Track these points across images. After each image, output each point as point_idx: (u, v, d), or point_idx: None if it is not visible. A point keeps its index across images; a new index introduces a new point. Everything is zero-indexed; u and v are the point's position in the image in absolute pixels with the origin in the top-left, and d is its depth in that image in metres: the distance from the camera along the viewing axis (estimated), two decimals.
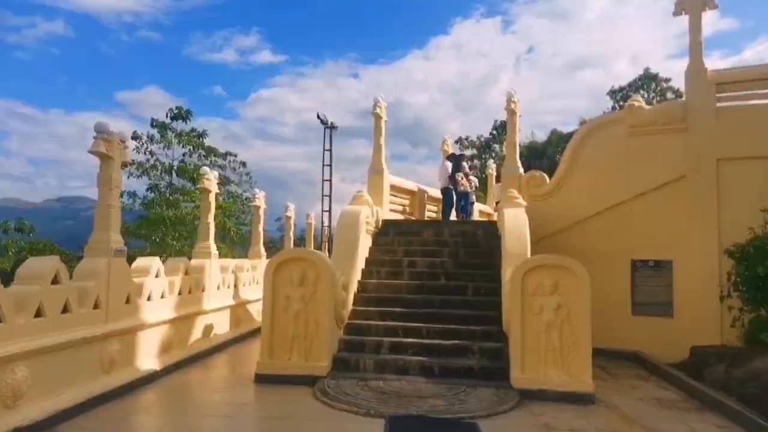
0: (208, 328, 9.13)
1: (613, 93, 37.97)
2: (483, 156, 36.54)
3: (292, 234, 16.08)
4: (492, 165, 22.98)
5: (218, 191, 10.55)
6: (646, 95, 35.09)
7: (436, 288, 8.43)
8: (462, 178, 12.66)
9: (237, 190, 30.09)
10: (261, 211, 12.79)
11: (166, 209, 23.20)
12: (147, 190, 23.64)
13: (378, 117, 11.28)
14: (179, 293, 8.00)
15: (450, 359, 6.94)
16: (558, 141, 38.99)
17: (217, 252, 9.57)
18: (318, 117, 21.21)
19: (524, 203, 8.85)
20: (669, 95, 34.57)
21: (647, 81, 37.50)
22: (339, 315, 7.23)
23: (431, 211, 14.22)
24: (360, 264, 8.84)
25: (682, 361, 8.82)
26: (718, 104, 9.01)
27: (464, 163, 13.20)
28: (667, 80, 36.41)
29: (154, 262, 7.36)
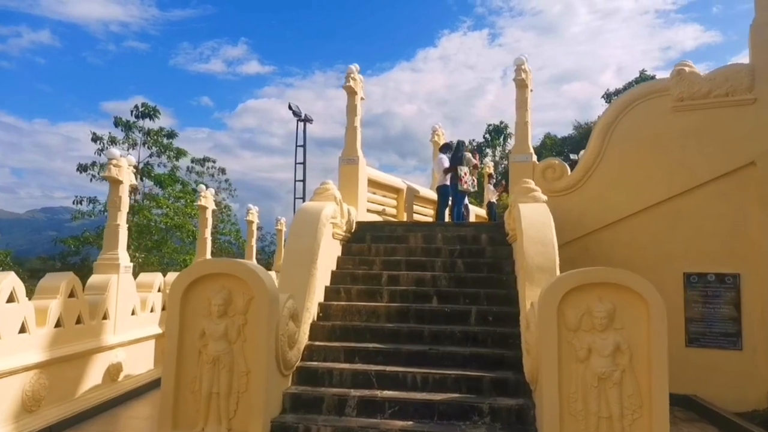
0: (114, 369, 6.90)
1: (608, 96, 36.71)
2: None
3: (254, 242, 13.89)
4: (489, 163, 21.10)
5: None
6: None
7: (427, 314, 6.30)
8: (465, 174, 10.54)
9: (216, 198, 29.37)
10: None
11: (129, 216, 21.58)
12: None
13: (351, 92, 9.18)
14: (57, 324, 5.77)
15: (447, 425, 4.79)
16: (552, 145, 37.37)
17: (130, 264, 7.35)
18: (290, 108, 19.15)
19: (544, 197, 6.77)
20: None
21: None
22: (283, 357, 5.05)
23: (421, 215, 12.11)
24: (322, 280, 6.68)
25: (757, 410, 6.87)
26: None
27: (467, 154, 11.06)
28: None
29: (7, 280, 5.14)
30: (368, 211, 9.82)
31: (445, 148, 11.63)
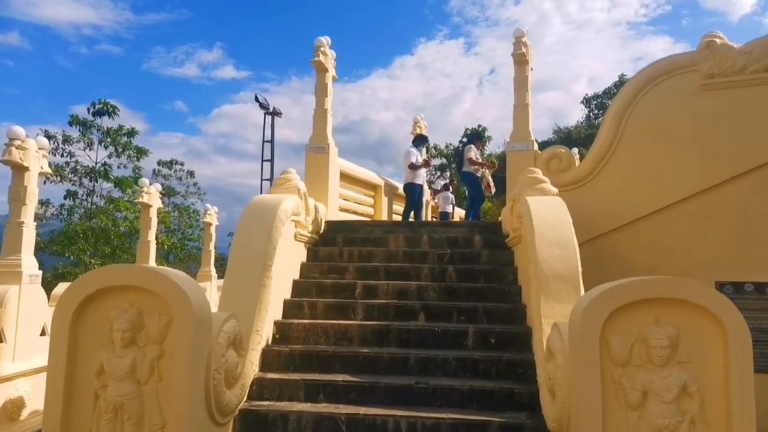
0: (14, 406, 5.52)
1: (587, 101, 36.62)
2: (452, 165, 34.42)
3: (212, 247, 12.52)
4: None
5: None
6: None
7: (412, 335, 5.09)
8: (480, 172, 9.65)
9: (183, 203, 29.43)
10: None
11: (86, 220, 20.34)
12: (64, 197, 21.04)
13: (321, 68, 7.96)
14: None
15: None
16: (541, 147, 36.70)
17: (38, 273, 5.97)
18: (257, 100, 17.81)
19: (554, 189, 5.66)
20: None
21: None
22: (218, 400, 3.78)
23: (401, 215, 10.92)
24: (279, 292, 5.43)
25: None
26: None
27: (473, 148, 9.94)
28: None
29: None
30: (341, 209, 8.60)
31: (418, 140, 10.49)
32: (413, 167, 9.74)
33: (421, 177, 10.00)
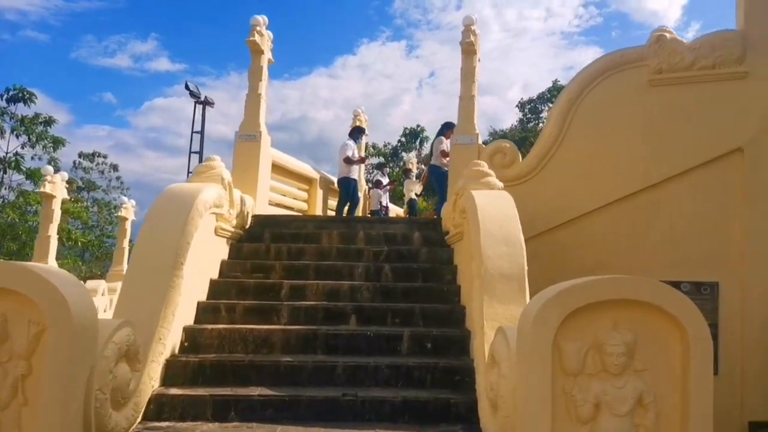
0: None
1: (521, 105, 37.59)
2: (389, 164, 34.33)
3: (126, 244, 11.56)
4: (412, 158, 19.94)
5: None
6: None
7: (342, 340, 4.62)
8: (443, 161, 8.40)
9: (105, 198, 28.19)
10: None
11: None
12: None
13: (256, 49, 7.35)
14: None
15: None
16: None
17: None
18: (187, 87, 16.81)
19: (500, 184, 5.35)
20: None
21: (557, 93, 36.81)
22: (101, 425, 3.16)
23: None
24: (192, 294, 4.82)
25: None
26: None
27: (444, 140, 8.56)
28: None
29: None
30: (272, 203, 8.01)
31: (355, 132, 10.05)
32: (349, 161, 9.29)
33: (356, 172, 9.59)
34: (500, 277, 4.12)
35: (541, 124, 40.49)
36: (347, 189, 9.29)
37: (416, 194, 13.16)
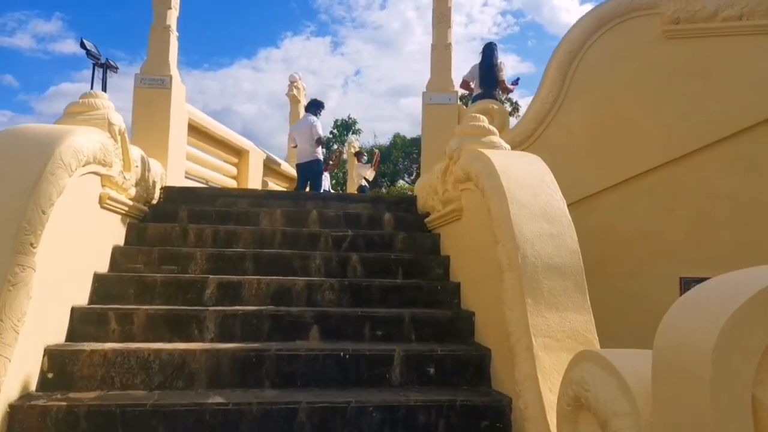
0: None
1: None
2: (326, 154, 32.82)
3: None
4: (354, 140, 18.54)
5: None
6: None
7: (300, 365, 3.13)
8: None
9: None
10: None
11: None
12: None
13: None
14: None
15: None
16: (403, 145, 36.23)
17: None
18: (83, 46, 14.35)
19: (507, 145, 4.08)
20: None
21: None
22: None
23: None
24: (61, 294, 3.16)
25: None
26: None
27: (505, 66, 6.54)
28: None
29: None
30: (188, 176, 6.32)
31: (313, 106, 8.44)
32: (320, 143, 7.93)
33: (321, 154, 8.14)
34: (546, 269, 2.82)
35: None
36: (311, 174, 7.80)
37: (367, 180, 11.76)
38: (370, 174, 12.02)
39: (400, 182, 34.81)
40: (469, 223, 3.86)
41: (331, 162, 10.95)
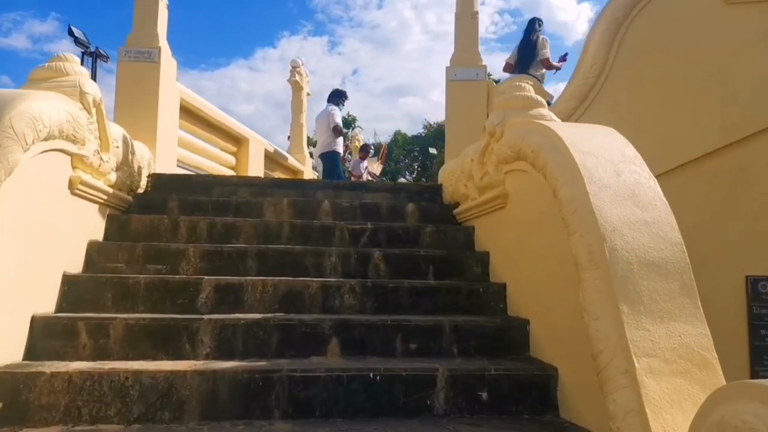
0: None
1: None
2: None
3: None
4: (358, 134, 17.92)
5: None
6: None
7: (318, 389, 2.50)
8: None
9: None
10: None
11: None
12: None
13: None
14: None
15: None
16: (404, 143, 35.61)
17: None
18: (71, 34, 13.70)
19: (557, 119, 3.45)
20: None
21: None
22: None
23: None
24: (21, 300, 2.52)
25: None
26: None
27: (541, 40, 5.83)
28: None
29: None
30: (181, 164, 5.70)
31: (335, 96, 7.88)
32: (339, 132, 7.44)
33: (342, 145, 7.73)
34: (644, 267, 2.20)
35: None
36: (332, 166, 7.37)
37: (374, 174, 11.12)
38: (377, 168, 11.40)
39: (401, 180, 34.32)
40: (517, 212, 3.24)
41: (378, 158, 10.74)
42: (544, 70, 5.61)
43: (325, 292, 3.18)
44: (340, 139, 7.63)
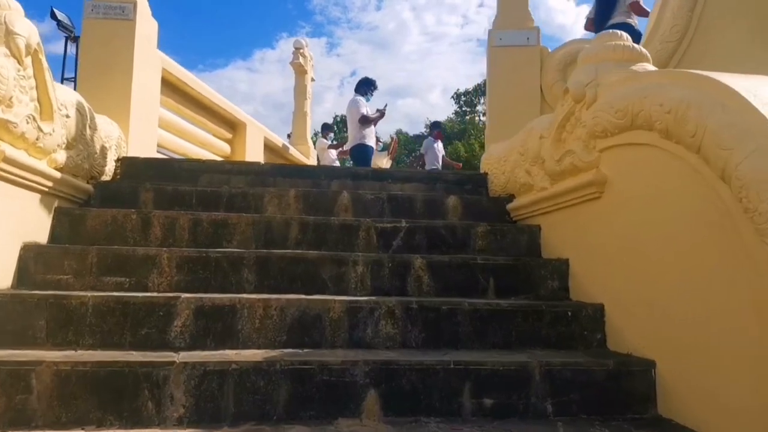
0: None
1: (458, 96, 40.37)
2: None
3: None
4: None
5: None
6: None
7: None
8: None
9: None
10: None
11: None
12: None
13: None
14: None
15: None
16: (406, 142, 34.91)
17: None
18: (53, 17, 12.80)
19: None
20: None
21: None
22: None
23: None
24: None
25: None
26: None
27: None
28: None
29: None
30: (162, 148, 4.79)
31: (363, 86, 7.05)
32: (365, 121, 6.66)
33: (372, 137, 6.92)
34: None
35: (478, 118, 39.03)
36: (362, 161, 6.66)
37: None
38: (386, 163, 10.50)
39: None
40: (623, 205, 2.34)
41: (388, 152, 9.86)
42: (635, 18, 4.60)
43: (352, 318, 2.27)
44: (370, 131, 6.80)
